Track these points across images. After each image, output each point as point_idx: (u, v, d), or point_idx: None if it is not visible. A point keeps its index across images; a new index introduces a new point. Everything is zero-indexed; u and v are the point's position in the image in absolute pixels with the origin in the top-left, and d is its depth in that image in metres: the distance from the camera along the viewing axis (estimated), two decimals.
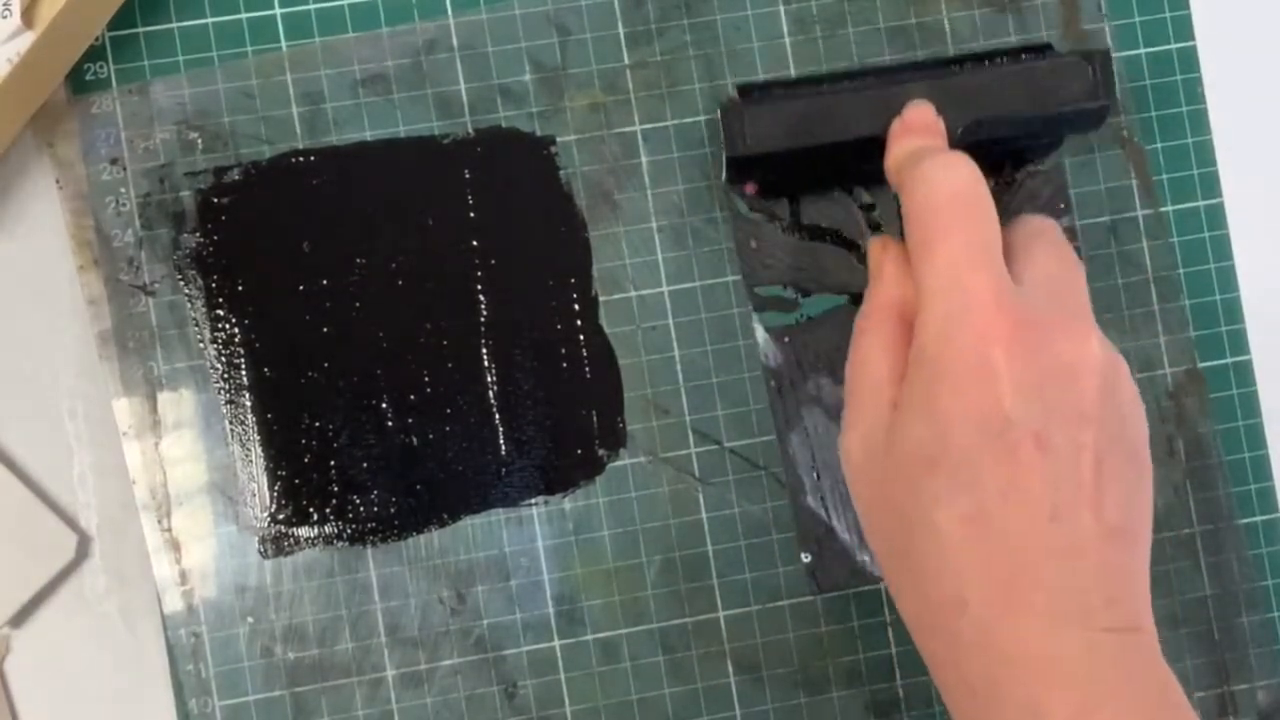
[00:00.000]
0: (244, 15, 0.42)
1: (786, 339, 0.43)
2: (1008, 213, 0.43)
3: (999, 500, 0.33)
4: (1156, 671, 0.34)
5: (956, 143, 0.39)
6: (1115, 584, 0.33)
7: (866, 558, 0.43)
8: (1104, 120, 0.41)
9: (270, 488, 0.42)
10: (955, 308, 0.34)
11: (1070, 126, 0.42)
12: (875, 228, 0.43)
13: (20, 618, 0.42)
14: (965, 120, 0.39)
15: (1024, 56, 0.42)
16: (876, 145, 0.39)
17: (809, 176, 0.43)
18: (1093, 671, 0.32)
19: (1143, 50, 0.45)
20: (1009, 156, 0.44)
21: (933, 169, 0.36)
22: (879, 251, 0.38)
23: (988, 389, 0.33)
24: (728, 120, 0.40)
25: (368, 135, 0.43)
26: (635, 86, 0.43)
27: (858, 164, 0.41)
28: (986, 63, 0.42)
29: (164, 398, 0.42)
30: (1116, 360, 0.35)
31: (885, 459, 0.35)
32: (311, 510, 0.42)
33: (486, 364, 0.42)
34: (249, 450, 0.42)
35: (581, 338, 0.43)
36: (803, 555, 0.43)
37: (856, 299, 0.43)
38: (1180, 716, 0.33)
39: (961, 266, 0.34)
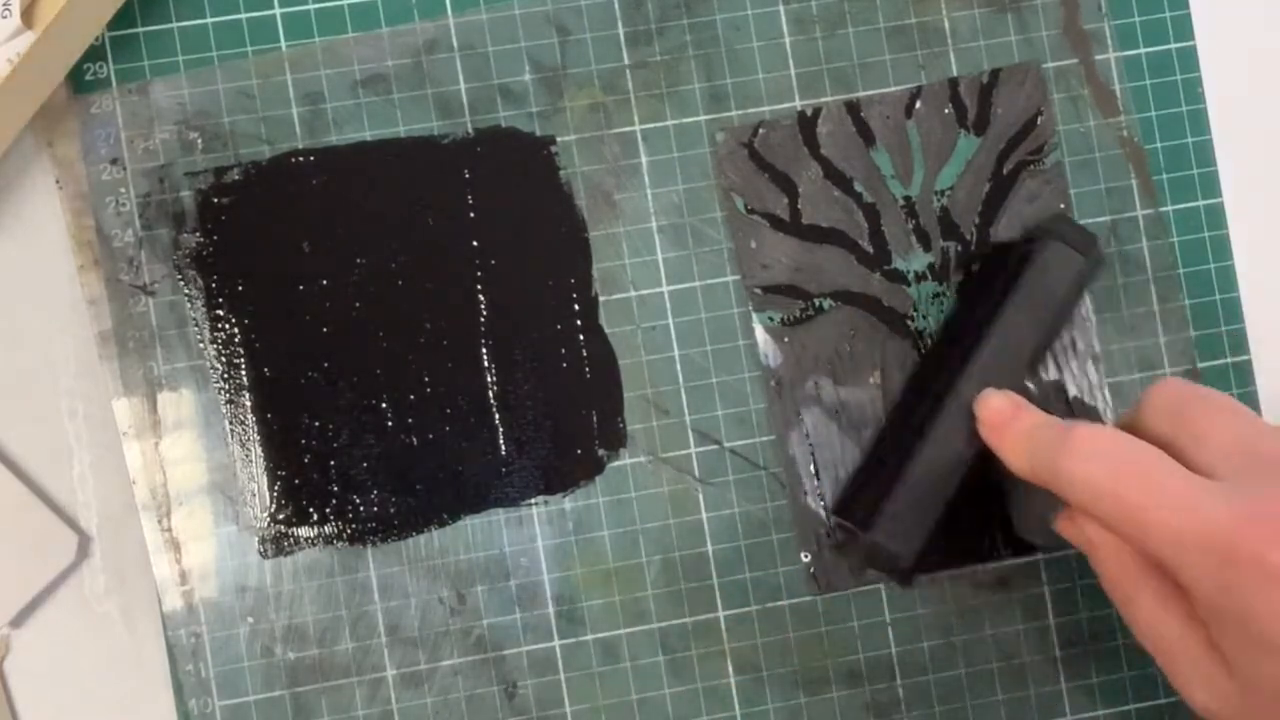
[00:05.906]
0: (244, 15, 0.42)
1: (786, 339, 0.43)
2: (1008, 212, 0.44)
3: None
4: None
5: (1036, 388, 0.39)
6: None
7: None
8: (1101, 263, 0.42)
9: (270, 488, 0.42)
10: (1196, 552, 0.34)
11: (1092, 281, 0.42)
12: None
13: (20, 618, 0.42)
14: (1019, 370, 0.40)
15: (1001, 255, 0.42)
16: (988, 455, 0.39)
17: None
18: None
19: (1143, 50, 0.45)
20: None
21: (1072, 465, 0.35)
22: (1076, 528, 0.38)
23: None
24: (871, 558, 0.40)
25: (368, 135, 0.43)
26: (635, 86, 0.43)
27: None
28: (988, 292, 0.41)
29: (164, 398, 0.42)
30: None
31: (1252, 698, 0.35)
32: (311, 510, 0.42)
33: (486, 364, 0.42)
34: (249, 450, 0.42)
35: (581, 338, 0.43)
36: (802, 555, 0.43)
37: (855, 299, 0.43)
38: None
39: (1168, 512, 0.34)
